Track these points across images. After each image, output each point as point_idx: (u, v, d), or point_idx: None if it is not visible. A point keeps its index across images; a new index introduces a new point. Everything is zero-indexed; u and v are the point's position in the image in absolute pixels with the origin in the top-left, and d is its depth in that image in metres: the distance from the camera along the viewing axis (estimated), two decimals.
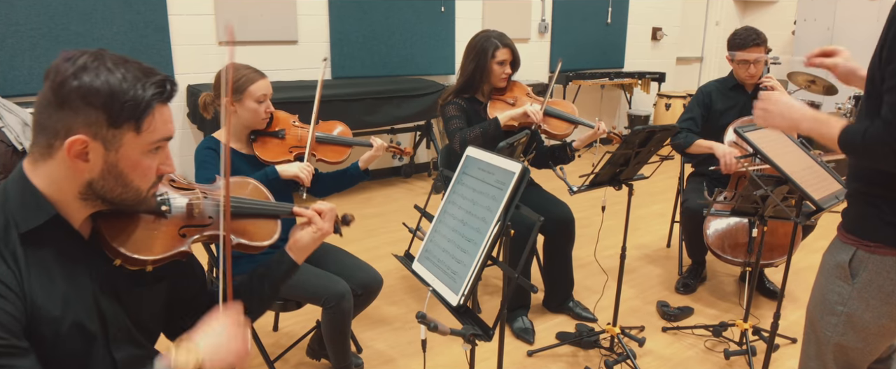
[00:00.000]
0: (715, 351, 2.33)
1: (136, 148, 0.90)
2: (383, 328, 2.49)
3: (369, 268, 2.04)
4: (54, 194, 0.90)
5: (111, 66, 0.87)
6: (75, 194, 0.91)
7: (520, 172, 1.19)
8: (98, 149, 0.88)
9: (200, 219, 1.07)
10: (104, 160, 0.89)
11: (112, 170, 0.90)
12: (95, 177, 0.90)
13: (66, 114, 0.85)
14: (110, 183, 0.91)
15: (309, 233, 1.20)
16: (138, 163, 0.92)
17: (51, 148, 0.88)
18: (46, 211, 0.89)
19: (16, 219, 0.87)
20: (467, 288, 1.18)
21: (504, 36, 2.42)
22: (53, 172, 0.89)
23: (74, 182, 0.90)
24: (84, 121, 0.86)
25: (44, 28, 3.35)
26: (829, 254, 1.40)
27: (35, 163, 0.90)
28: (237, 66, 1.85)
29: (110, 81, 0.86)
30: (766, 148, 1.67)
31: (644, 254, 3.28)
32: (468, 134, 2.32)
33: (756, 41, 2.58)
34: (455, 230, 1.30)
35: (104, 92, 0.85)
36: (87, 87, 0.84)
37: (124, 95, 0.86)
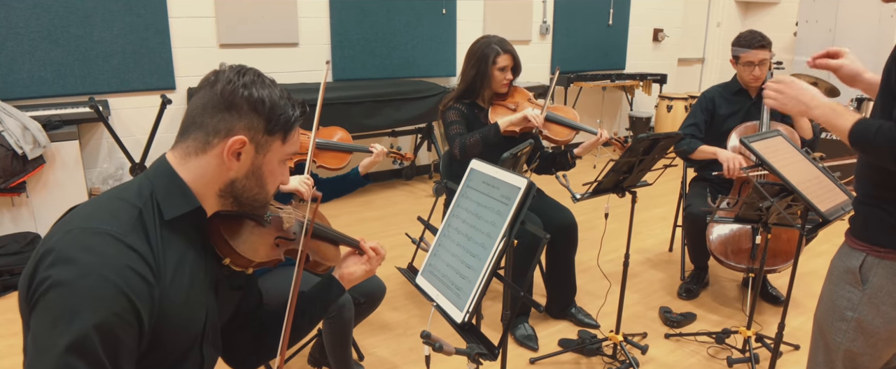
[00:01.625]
0: (718, 359, 2.32)
1: (277, 156, 1.03)
2: (385, 335, 2.49)
3: (372, 277, 2.03)
4: (198, 188, 0.99)
5: (271, 84, 1.01)
6: (217, 190, 1.01)
7: (525, 188, 1.18)
8: (251, 151, 0.99)
9: (289, 234, 1.19)
10: (253, 162, 1.00)
11: (256, 171, 1.01)
12: (240, 176, 1.00)
13: (232, 116, 0.96)
14: (251, 183, 1.02)
15: (362, 269, 1.33)
16: (274, 170, 1.04)
17: (208, 144, 0.97)
18: (192, 201, 0.98)
19: (163, 206, 0.95)
20: (472, 306, 1.17)
21: (505, 42, 2.41)
22: (203, 167, 0.98)
23: (220, 178, 0.99)
24: (247, 124, 0.97)
25: (43, 31, 3.34)
26: (838, 259, 1.39)
27: (185, 157, 0.98)
28: None
29: (272, 95, 0.99)
30: (772, 158, 1.66)
31: (646, 259, 3.27)
32: (467, 140, 2.32)
33: (761, 43, 2.57)
34: (459, 245, 1.29)
35: (269, 103, 0.98)
36: (256, 97, 0.97)
37: (282, 109, 1.00)
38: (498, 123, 2.30)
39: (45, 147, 3.06)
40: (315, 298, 1.28)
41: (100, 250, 0.85)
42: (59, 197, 3.20)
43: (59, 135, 3.15)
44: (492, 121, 2.39)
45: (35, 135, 3.03)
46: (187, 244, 0.99)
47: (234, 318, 1.20)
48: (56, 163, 3.17)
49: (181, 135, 0.99)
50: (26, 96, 3.37)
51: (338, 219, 3.41)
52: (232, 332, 1.20)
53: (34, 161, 3.05)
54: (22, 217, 3.15)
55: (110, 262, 0.85)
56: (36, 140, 3.04)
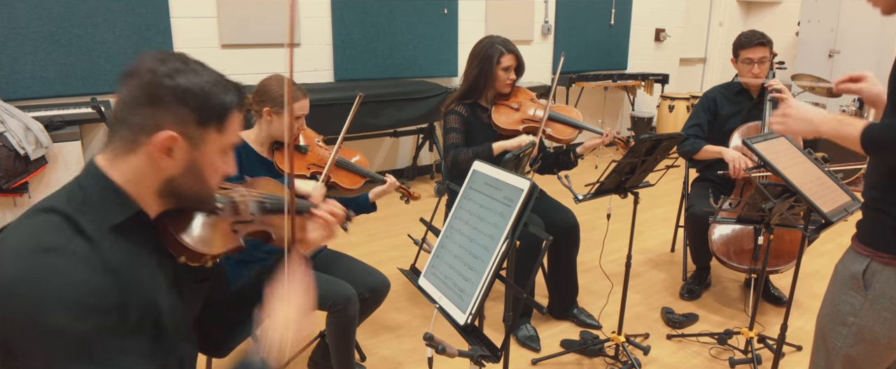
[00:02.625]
0: (720, 360, 2.32)
1: (215, 148, 0.95)
2: (387, 335, 2.49)
3: (376, 272, 2.04)
4: (134, 189, 0.92)
5: (199, 70, 0.92)
6: (154, 190, 0.93)
7: (528, 190, 1.18)
8: (184, 146, 0.91)
9: (246, 216, 1.13)
10: (187, 157, 0.92)
11: (193, 167, 0.94)
12: (176, 173, 0.93)
13: (157, 110, 0.88)
14: (190, 180, 0.94)
15: (319, 235, 1.22)
16: (214, 162, 0.96)
17: (135, 143, 0.89)
18: (130, 206, 0.91)
19: (98, 214, 0.88)
20: (475, 308, 1.17)
21: (508, 42, 2.41)
22: (135, 167, 0.91)
23: (155, 178, 0.92)
24: (174, 118, 0.89)
25: (45, 31, 3.34)
26: (842, 264, 1.39)
27: (114, 158, 0.91)
28: (284, 80, 1.87)
29: (201, 83, 0.90)
30: (775, 159, 1.66)
31: (648, 259, 3.27)
32: (461, 155, 2.35)
33: (761, 41, 2.58)
34: (462, 246, 1.28)
35: (198, 92, 0.89)
36: (183, 88, 0.88)
37: (213, 98, 0.91)
38: (492, 147, 2.33)
39: (47, 147, 3.07)
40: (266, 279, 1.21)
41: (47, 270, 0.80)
42: None
43: (62, 135, 3.16)
44: (495, 120, 2.40)
45: (37, 136, 3.04)
46: (137, 249, 0.93)
47: (206, 307, 1.17)
48: (58, 164, 3.17)
49: (110, 135, 0.93)
50: (28, 97, 3.37)
51: None
52: (204, 321, 1.17)
53: (36, 161, 3.06)
54: None
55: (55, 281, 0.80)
56: (38, 140, 3.05)
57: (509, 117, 2.43)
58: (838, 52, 5.42)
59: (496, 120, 2.41)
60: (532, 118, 2.43)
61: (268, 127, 1.91)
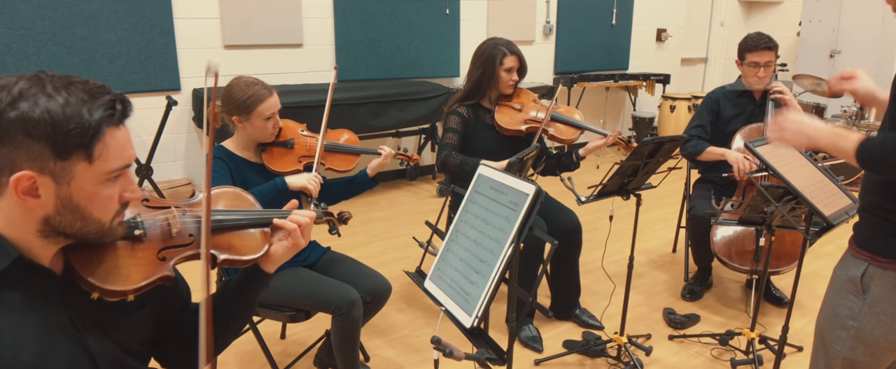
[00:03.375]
0: (721, 360, 2.34)
1: (90, 179, 0.82)
2: (391, 336, 2.50)
3: (377, 275, 2.05)
4: (13, 234, 0.84)
5: (51, 91, 0.78)
6: (34, 232, 0.84)
7: (534, 195, 1.19)
8: (48, 184, 0.81)
9: (180, 239, 1.00)
10: (56, 195, 0.82)
11: (67, 204, 0.83)
12: (50, 212, 0.83)
13: (8, 149, 0.78)
14: (67, 217, 0.84)
15: (283, 247, 1.11)
16: (96, 195, 0.84)
17: (1, 186, 0.80)
18: (8, 253, 0.82)
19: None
20: (481, 311, 1.19)
21: (511, 43, 2.43)
22: (7, 211, 0.82)
23: (29, 220, 0.83)
24: (27, 155, 0.78)
25: (49, 32, 3.35)
26: (841, 268, 1.40)
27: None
28: (246, 83, 1.85)
29: (50, 108, 0.77)
30: (776, 162, 1.67)
31: (650, 260, 3.28)
32: (450, 159, 2.36)
33: (767, 44, 2.59)
34: (468, 250, 1.30)
35: (45, 121, 0.77)
36: (25, 118, 0.76)
37: (68, 123, 0.78)
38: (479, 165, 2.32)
39: None
40: (237, 293, 1.14)
41: None
42: None
43: None
44: (498, 120, 2.42)
45: None
46: (27, 295, 0.84)
47: (161, 328, 1.08)
48: None
49: None
50: None
51: None
52: (161, 343, 1.10)
53: None
54: None
55: None
56: None
57: (512, 118, 2.44)
58: (839, 53, 5.43)
59: (499, 120, 2.42)
60: (534, 119, 2.45)
61: (244, 132, 1.90)
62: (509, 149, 2.48)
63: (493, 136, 2.46)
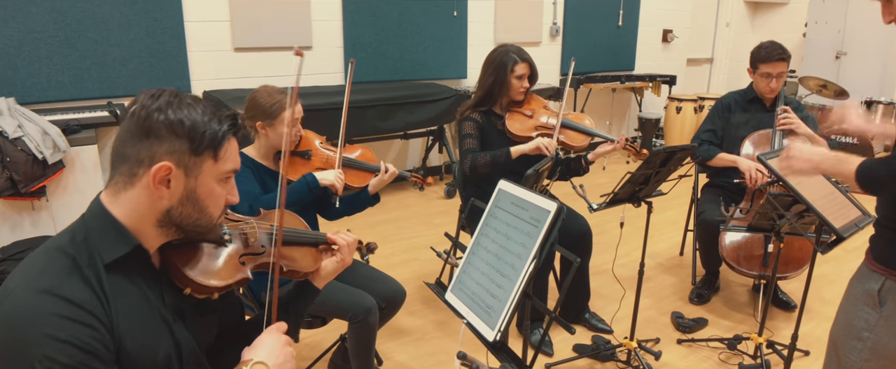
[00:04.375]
0: (730, 364, 2.37)
1: (212, 175, 0.97)
2: (403, 339, 2.54)
3: (392, 281, 2.08)
4: (134, 223, 0.95)
5: (191, 103, 0.95)
6: (154, 222, 0.96)
7: (555, 212, 1.22)
8: (180, 176, 0.94)
9: (255, 248, 1.14)
10: (184, 186, 0.95)
11: (191, 196, 0.96)
12: (175, 203, 0.96)
13: (152, 143, 0.92)
14: (188, 209, 0.97)
15: (333, 263, 1.30)
16: (213, 191, 0.98)
17: (134, 176, 0.93)
18: (129, 241, 0.94)
19: (100, 250, 0.92)
20: (504, 325, 1.22)
21: (522, 51, 2.46)
22: (134, 201, 0.94)
23: (154, 209, 0.95)
24: (169, 148, 0.93)
25: (61, 35, 3.38)
26: (857, 280, 1.43)
27: (116, 194, 0.95)
28: (271, 91, 1.89)
29: (192, 114, 0.94)
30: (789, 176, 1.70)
31: (658, 263, 3.32)
32: (479, 159, 2.39)
33: (781, 56, 2.61)
34: (489, 264, 1.33)
35: (188, 123, 0.93)
36: (172, 119, 0.92)
37: (205, 127, 0.94)
38: (510, 151, 2.37)
39: (64, 152, 3.11)
40: (291, 306, 1.27)
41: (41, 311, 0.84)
42: (78, 201, 3.26)
43: (78, 139, 3.20)
44: (509, 127, 2.45)
45: (55, 140, 3.08)
46: (135, 284, 0.96)
47: (219, 338, 1.17)
48: (75, 168, 3.22)
49: (112, 170, 0.96)
50: (44, 100, 3.42)
51: (350, 222, 3.46)
52: (219, 352, 1.17)
53: (54, 165, 3.10)
54: (42, 221, 3.21)
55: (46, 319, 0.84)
56: (56, 145, 3.09)
57: (523, 124, 2.47)
58: (845, 54, 5.43)
59: (510, 127, 2.46)
60: (545, 125, 2.48)
61: (266, 139, 1.93)
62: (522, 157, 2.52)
63: (505, 142, 2.49)
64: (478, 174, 2.44)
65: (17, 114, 3.14)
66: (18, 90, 3.32)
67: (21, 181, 3.03)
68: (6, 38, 3.24)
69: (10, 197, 3.06)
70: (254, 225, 1.18)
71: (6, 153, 2.98)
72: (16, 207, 3.14)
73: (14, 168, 3.00)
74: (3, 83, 3.28)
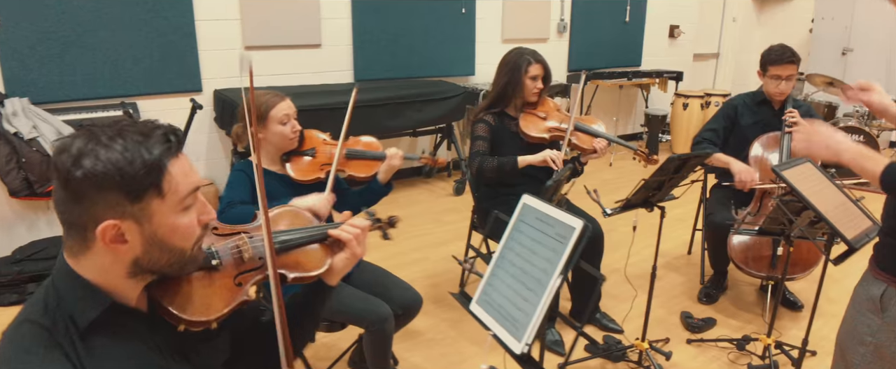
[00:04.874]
0: (738, 364, 2.42)
1: (166, 212, 0.87)
2: (416, 340, 2.59)
3: (409, 288, 2.10)
4: (105, 281, 0.89)
5: (107, 142, 0.83)
6: (124, 275, 0.89)
7: (581, 230, 1.26)
8: (132, 227, 0.86)
9: (252, 263, 1.05)
10: (141, 235, 0.87)
11: (153, 240, 0.88)
12: (139, 253, 0.88)
13: (85, 206, 0.83)
14: (155, 254, 0.89)
15: (343, 260, 1.17)
16: (175, 226, 0.89)
17: (86, 240, 0.86)
18: (101, 301, 0.88)
19: (73, 314, 0.86)
20: (531, 338, 1.26)
21: (536, 53, 2.51)
22: (96, 261, 0.88)
23: (119, 265, 0.88)
24: (104, 206, 0.83)
25: (73, 35, 3.39)
26: (862, 287, 1.48)
27: (76, 257, 0.88)
28: (257, 94, 1.86)
29: (112, 158, 0.82)
30: (801, 186, 1.73)
31: (666, 262, 3.36)
32: (487, 163, 2.44)
33: (791, 59, 2.63)
34: (515, 277, 1.37)
35: (111, 171, 0.82)
36: (93, 174, 0.81)
37: (133, 166, 0.82)
38: (517, 160, 2.42)
39: None
40: (306, 307, 1.20)
41: None
42: None
43: None
44: (523, 127, 2.50)
45: None
46: (121, 341, 0.90)
47: (235, 347, 1.13)
48: None
49: (65, 234, 0.89)
50: (57, 99, 3.43)
51: None
52: (235, 360, 1.14)
53: None
54: (57, 220, 3.24)
55: None
56: None
57: (536, 126, 2.51)
58: (852, 50, 5.44)
59: (524, 128, 2.49)
60: (558, 128, 2.52)
61: (266, 143, 1.93)
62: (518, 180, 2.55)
63: (519, 144, 2.53)
64: (484, 178, 2.49)
65: (32, 115, 3.17)
66: (32, 90, 3.34)
67: (36, 181, 3.07)
68: (19, 38, 3.26)
69: (26, 197, 3.10)
70: (245, 237, 1.06)
71: (22, 154, 3.02)
72: (32, 207, 3.19)
73: (30, 169, 3.03)
74: (17, 83, 3.30)
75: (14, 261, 2.97)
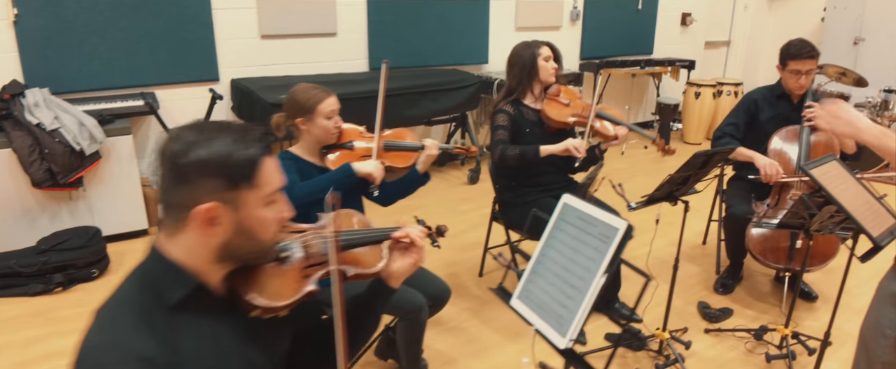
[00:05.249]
0: (756, 354, 2.48)
1: (255, 203, 0.97)
2: (439, 328, 2.64)
3: (438, 280, 2.16)
4: (193, 263, 0.97)
5: (214, 134, 0.94)
6: (211, 259, 0.98)
7: (624, 230, 1.30)
8: (225, 212, 0.95)
9: (317, 258, 1.14)
10: (231, 221, 0.96)
11: (240, 228, 0.97)
12: (227, 238, 0.97)
13: (188, 188, 0.93)
14: (241, 240, 0.98)
15: (408, 263, 1.25)
16: (261, 218, 0.98)
17: (182, 221, 0.95)
18: (189, 282, 0.96)
19: (163, 293, 0.94)
20: (575, 333, 1.31)
21: (539, 40, 2.60)
22: (188, 243, 0.96)
23: (208, 247, 0.97)
24: (206, 190, 0.93)
25: (92, 24, 3.40)
26: (886, 281, 1.54)
27: (169, 238, 0.97)
28: (306, 88, 1.96)
29: (218, 148, 0.93)
30: (828, 184, 1.77)
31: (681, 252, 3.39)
32: (509, 151, 2.48)
33: (810, 53, 2.65)
34: (557, 275, 1.41)
35: (216, 159, 0.92)
36: (200, 160, 0.92)
37: (236, 157, 0.93)
38: (539, 149, 2.45)
39: (101, 142, 3.17)
40: (366, 307, 1.26)
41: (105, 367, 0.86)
42: (114, 190, 3.33)
43: (114, 130, 3.26)
44: (547, 112, 2.54)
45: (91, 132, 3.14)
46: (202, 319, 0.98)
47: (295, 343, 1.20)
48: (111, 158, 3.28)
49: (161, 217, 0.99)
50: (76, 90, 3.46)
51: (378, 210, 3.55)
52: (295, 355, 1.20)
53: (91, 156, 3.17)
54: (79, 211, 3.29)
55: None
56: (92, 136, 3.15)
57: (560, 111, 2.56)
58: (863, 40, 5.44)
59: (548, 112, 2.54)
60: (580, 114, 2.55)
61: (308, 135, 2.00)
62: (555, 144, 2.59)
63: (539, 132, 2.57)
64: (506, 166, 2.53)
65: (53, 106, 3.19)
66: (51, 80, 3.36)
67: (59, 172, 3.10)
68: (38, 28, 3.27)
69: (49, 188, 3.13)
70: (311, 235, 1.17)
71: (44, 145, 3.05)
72: (54, 198, 3.22)
73: (52, 159, 3.06)
74: (36, 74, 3.32)
75: (39, 252, 3.01)
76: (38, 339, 2.53)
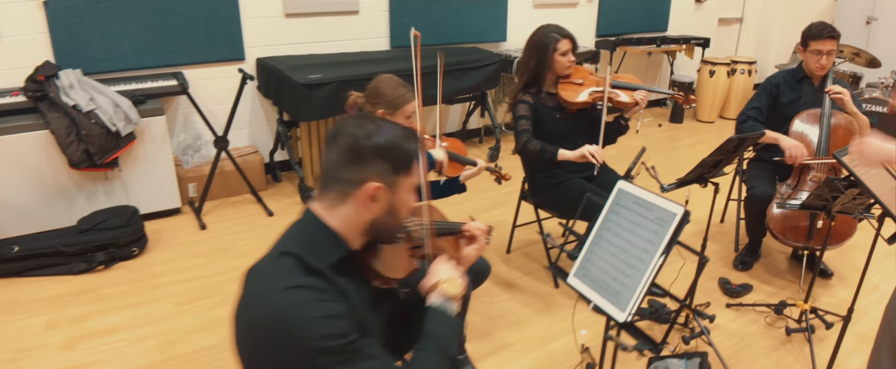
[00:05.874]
0: (775, 327, 2.62)
1: (406, 189, 1.16)
2: (472, 303, 2.76)
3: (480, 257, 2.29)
4: (346, 232, 1.14)
5: (385, 126, 1.13)
6: (360, 230, 1.15)
7: (682, 215, 1.39)
8: (385, 193, 1.13)
9: (418, 241, 1.34)
10: (388, 200, 1.14)
11: (391, 207, 1.15)
12: (378, 214, 1.14)
13: (362, 167, 1.10)
14: (387, 218, 1.16)
15: (474, 250, 1.44)
16: (407, 201, 1.18)
17: (347, 195, 1.12)
18: (344, 247, 1.14)
19: (322, 253, 1.10)
20: (634, 308, 1.42)
21: (561, 28, 2.60)
22: (347, 214, 1.13)
23: (362, 220, 1.14)
24: (376, 170, 1.11)
25: (120, 4, 3.42)
26: None
27: (330, 208, 1.13)
28: (395, 83, 2.05)
29: (391, 138, 1.12)
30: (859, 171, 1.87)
31: (700, 229, 3.52)
32: (530, 145, 2.55)
33: (831, 34, 2.71)
34: (615, 255, 1.52)
35: (390, 146, 1.11)
36: (379, 145, 1.10)
37: (403, 148, 1.13)
38: (557, 153, 2.52)
39: (136, 123, 3.23)
40: None
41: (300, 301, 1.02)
42: (148, 170, 3.41)
43: (147, 110, 3.31)
44: (563, 95, 2.60)
45: (126, 112, 3.20)
46: (351, 280, 1.15)
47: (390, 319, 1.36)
48: (145, 138, 3.35)
49: (322, 189, 1.14)
50: (105, 70, 3.50)
51: None
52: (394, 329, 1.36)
53: (126, 137, 3.23)
54: (115, 190, 3.37)
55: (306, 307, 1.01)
56: (127, 117, 3.21)
57: (575, 92, 2.62)
58: (876, 20, 5.46)
59: (564, 95, 2.60)
60: (596, 91, 2.62)
61: None
62: (576, 128, 2.67)
63: (559, 118, 2.64)
64: (527, 157, 2.60)
65: (87, 87, 3.24)
66: (82, 61, 3.40)
67: (96, 153, 3.17)
68: (67, 9, 3.29)
69: (86, 168, 3.20)
70: (416, 221, 1.35)
71: (81, 127, 3.11)
72: (90, 177, 3.30)
73: (89, 141, 3.13)
74: (68, 55, 3.36)
75: (81, 231, 3.10)
76: (86, 316, 2.63)
